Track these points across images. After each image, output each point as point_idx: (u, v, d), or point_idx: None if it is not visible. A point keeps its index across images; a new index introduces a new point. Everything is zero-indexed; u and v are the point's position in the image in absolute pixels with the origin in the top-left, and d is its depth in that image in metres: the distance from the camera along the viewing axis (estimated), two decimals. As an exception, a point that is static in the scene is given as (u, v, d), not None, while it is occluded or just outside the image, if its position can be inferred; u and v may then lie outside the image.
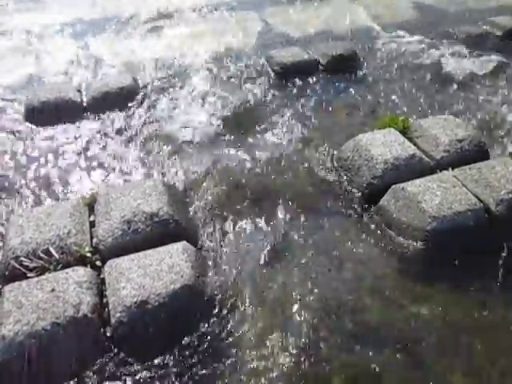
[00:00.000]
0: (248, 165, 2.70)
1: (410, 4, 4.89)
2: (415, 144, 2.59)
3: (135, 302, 1.79)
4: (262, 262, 2.11)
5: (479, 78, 3.53)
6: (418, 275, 2.06)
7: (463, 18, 4.50)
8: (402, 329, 1.85)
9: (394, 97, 3.32)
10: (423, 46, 3.98)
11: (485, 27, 4.24)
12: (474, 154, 2.56)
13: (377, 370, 1.71)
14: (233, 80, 3.52)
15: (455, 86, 3.44)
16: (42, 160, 2.77)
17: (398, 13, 4.65)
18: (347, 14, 4.63)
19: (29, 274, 1.91)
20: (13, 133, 3.00)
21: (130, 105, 3.23)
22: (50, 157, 2.79)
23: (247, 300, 1.95)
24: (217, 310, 1.90)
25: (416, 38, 4.11)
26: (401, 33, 4.21)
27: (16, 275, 1.91)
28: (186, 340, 1.79)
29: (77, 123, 3.08)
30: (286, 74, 3.52)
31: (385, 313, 1.91)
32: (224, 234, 2.25)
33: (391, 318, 1.89)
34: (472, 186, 2.31)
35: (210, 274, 2.02)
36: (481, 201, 2.23)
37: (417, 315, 1.90)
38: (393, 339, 1.81)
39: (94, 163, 2.74)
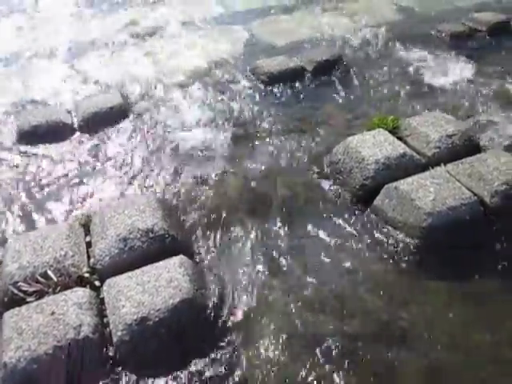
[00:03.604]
0: (241, 174, 2.71)
1: (393, 7, 4.94)
2: (406, 143, 2.61)
3: (135, 320, 1.78)
4: (260, 271, 2.11)
5: (465, 76, 3.56)
6: (416, 272, 2.07)
7: (447, 16, 4.55)
8: (405, 326, 1.85)
9: (381, 98, 3.35)
10: (408, 47, 4.02)
11: (469, 24, 4.28)
12: (465, 148, 2.58)
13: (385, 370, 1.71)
14: (221, 92, 3.54)
15: (441, 84, 3.47)
16: (36, 183, 2.77)
17: (381, 16, 4.69)
18: (331, 21, 4.68)
19: (28, 299, 1.90)
20: (3, 157, 3.01)
21: (120, 123, 3.24)
22: (44, 179, 2.79)
23: (247, 311, 1.94)
24: (217, 323, 1.89)
25: (400, 39, 4.15)
26: (385, 35, 4.25)
27: (15, 301, 1.91)
28: (188, 355, 1.78)
29: (69, 144, 3.09)
30: (273, 82, 3.54)
31: (386, 311, 1.91)
32: (220, 245, 2.25)
33: (393, 316, 1.88)
34: (465, 180, 2.32)
35: (209, 287, 2.02)
36: (475, 194, 2.25)
37: (419, 311, 1.90)
38: (397, 337, 1.81)
39: (88, 183, 2.74)
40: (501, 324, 1.85)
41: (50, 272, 1.97)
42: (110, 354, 1.78)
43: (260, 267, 2.13)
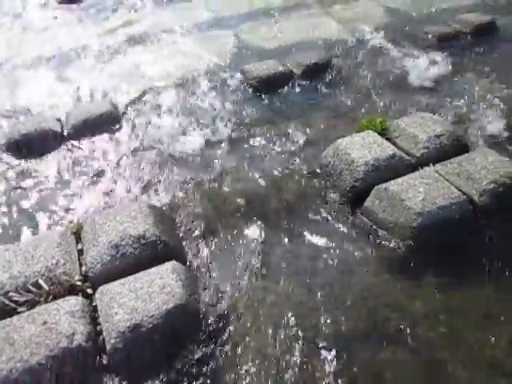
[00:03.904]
0: (232, 178, 2.71)
1: (381, 9, 4.99)
2: (394, 144, 2.63)
3: (129, 327, 1.77)
4: (253, 274, 2.12)
5: (451, 76, 3.61)
6: (408, 272, 2.08)
7: (433, 18, 4.60)
8: (397, 326, 1.86)
9: (370, 100, 3.38)
10: (395, 49, 4.05)
11: (455, 25, 4.33)
12: (453, 148, 2.61)
13: (380, 370, 1.71)
14: (211, 96, 3.55)
15: (428, 86, 3.50)
16: (26, 191, 2.75)
17: (369, 19, 4.73)
18: (320, 25, 4.71)
19: (19, 309, 1.89)
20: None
21: (110, 130, 3.24)
22: (34, 187, 2.78)
23: (241, 316, 1.94)
24: (211, 328, 1.89)
25: (388, 41, 4.19)
26: (373, 38, 4.29)
27: (6, 311, 1.89)
28: (182, 360, 1.78)
29: (58, 152, 3.07)
30: (262, 86, 3.56)
31: (379, 311, 1.92)
32: (213, 249, 2.26)
33: (386, 317, 1.89)
34: (454, 180, 2.35)
35: (202, 292, 2.02)
36: (464, 193, 2.27)
37: (411, 312, 1.91)
38: (391, 337, 1.82)
39: (79, 190, 2.74)
40: (494, 323, 1.86)
41: (41, 281, 1.96)
42: (104, 362, 1.77)
43: (253, 271, 2.13)
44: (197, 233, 2.35)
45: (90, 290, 2.00)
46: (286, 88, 3.56)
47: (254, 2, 5.46)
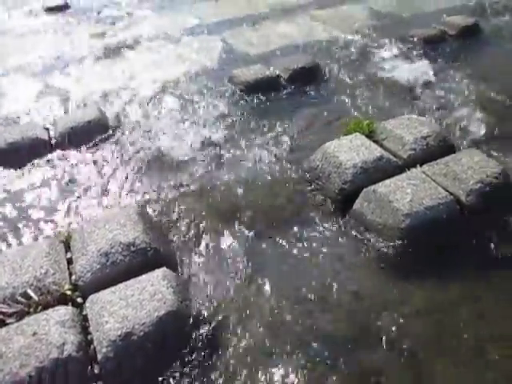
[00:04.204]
0: (222, 183, 2.72)
1: (367, 12, 5.04)
2: (382, 146, 2.65)
3: (120, 335, 1.76)
4: (244, 279, 2.12)
5: (437, 78, 3.65)
6: (398, 273, 2.10)
7: (419, 20, 4.66)
8: (390, 326, 1.87)
9: (357, 103, 3.41)
10: (381, 51, 4.10)
11: (440, 28, 4.39)
12: (439, 149, 2.63)
13: (373, 371, 1.72)
14: (199, 102, 3.55)
15: (415, 88, 3.54)
16: (13, 200, 2.73)
17: (355, 22, 4.77)
18: (306, 29, 4.74)
19: (8, 321, 1.86)
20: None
21: (98, 137, 3.22)
22: (21, 197, 2.76)
23: (232, 321, 1.94)
24: (203, 334, 1.88)
25: (374, 44, 4.24)
26: (359, 41, 4.33)
27: (-5, 323, 1.87)
28: (174, 367, 1.77)
29: (46, 160, 3.05)
30: (250, 91, 3.57)
31: (369, 313, 1.93)
32: (203, 255, 2.25)
33: (376, 318, 1.91)
34: (441, 180, 2.37)
35: (194, 298, 2.01)
36: (451, 193, 2.29)
37: (402, 312, 1.92)
38: (382, 337, 1.83)
39: (68, 198, 2.72)
40: (485, 322, 1.88)
41: (30, 291, 1.94)
42: (95, 371, 1.75)
43: (244, 276, 2.13)
44: (187, 238, 2.35)
45: (80, 299, 1.98)
46: (274, 92, 3.58)
47: (240, 8, 5.49)
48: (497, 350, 1.77)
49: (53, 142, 3.22)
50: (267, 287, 2.08)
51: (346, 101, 3.45)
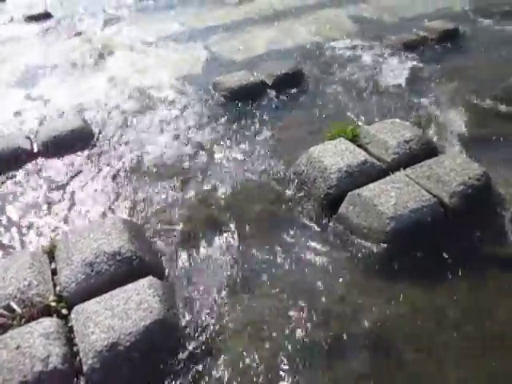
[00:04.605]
0: (207, 190, 2.71)
1: (349, 18, 5.09)
2: (366, 150, 2.67)
3: (106, 346, 1.74)
4: (231, 285, 2.11)
5: (418, 82, 3.70)
6: (384, 276, 2.11)
7: (400, 26, 4.73)
8: (376, 329, 1.88)
9: (341, 107, 3.43)
10: (364, 56, 4.15)
11: (421, 32, 4.46)
12: (422, 152, 2.66)
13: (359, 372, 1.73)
14: (183, 109, 3.55)
15: (397, 92, 3.59)
16: (-4, 213, 2.69)
17: (337, 28, 4.83)
18: (289, 35, 4.78)
19: (-9, 334, 1.83)
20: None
21: (82, 146, 3.20)
22: (5, 207, 2.72)
23: (220, 328, 1.93)
24: (190, 341, 1.87)
25: (357, 49, 4.29)
26: (342, 46, 4.38)
27: (-23, 337, 1.83)
28: (162, 377, 1.75)
29: (29, 170, 3.02)
30: (234, 97, 3.58)
31: (355, 317, 1.94)
32: (189, 262, 2.24)
33: (362, 321, 1.91)
34: (424, 183, 2.40)
35: (180, 305, 2.00)
36: (434, 196, 2.31)
37: (388, 314, 1.94)
38: (370, 341, 1.84)
39: (52, 208, 2.69)
40: (471, 322, 1.90)
41: (13, 304, 1.91)
42: (81, 383, 1.73)
43: (230, 282, 2.12)
44: (173, 246, 2.34)
45: (65, 311, 1.96)
46: (258, 98, 3.59)
47: (223, 14, 5.52)
48: (481, 353, 1.78)
49: (35, 151, 3.19)
50: (254, 292, 2.07)
51: (330, 106, 3.47)
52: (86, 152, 3.16)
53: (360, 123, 3.07)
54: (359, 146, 2.70)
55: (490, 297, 1.99)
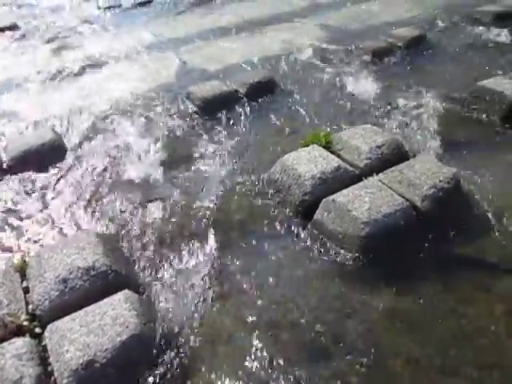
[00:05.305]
0: (181, 202, 2.69)
1: (318, 27, 5.17)
2: (339, 156, 2.71)
3: (81, 364, 1.70)
4: (209, 297, 2.09)
5: (387, 88, 3.78)
6: (360, 281, 2.13)
7: (368, 33, 4.82)
8: (354, 334, 1.89)
9: (313, 115, 3.47)
10: (333, 64, 4.22)
11: (388, 40, 4.56)
12: (394, 157, 2.71)
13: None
14: (156, 121, 3.52)
15: (367, 98, 3.65)
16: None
17: (308, 37, 4.90)
18: (260, 44, 4.82)
19: (-40, 357, 1.77)
20: None
21: (54, 160, 3.13)
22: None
23: (199, 342, 1.91)
24: (168, 355, 1.85)
25: (327, 57, 4.36)
26: (312, 55, 4.44)
27: None
28: (140, 392, 1.73)
29: (-2, 186, 2.95)
30: (208, 107, 3.57)
31: (335, 321, 1.95)
32: (166, 274, 2.22)
33: (342, 326, 1.93)
34: (397, 187, 2.44)
35: (158, 319, 1.97)
36: (407, 200, 2.36)
37: (365, 319, 1.96)
38: (347, 346, 1.85)
39: (23, 224, 2.62)
40: (443, 323, 1.93)
41: (-17, 325, 1.85)
42: (57, 403, 1.69)
43: (208, 294, 2.11)
44: (149, 258, 2.31)
45: (38, 330, 1.91)
46: (232, 107, 3.60)
47: (195, 24, 5.53)
48: (461, 354, 1.82)
49: (5, 166, 3.11)
50: (232, 305, 2.06)
51: (303, 113, 3.51)
52: (58, 165, 3.10)
53: (332, 130, 3.10)
54: (332, 152, 2.73)
55: (464, 296, 2.04)
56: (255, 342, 1.89)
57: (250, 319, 1.99)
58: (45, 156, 3.16)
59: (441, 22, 5.04)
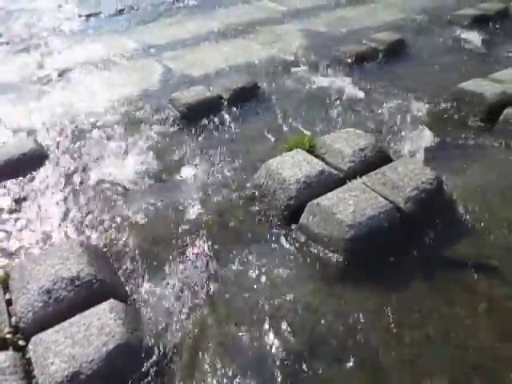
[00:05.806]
0: (167, 208, 2.68)
1: (301, 32, 5.21)
2: (323, 160, 2.73)
3: (67, 376, 1.68)
4: (195, 305, 2.08)
5: (370, 92, 3.83)
6: (345, 283, 2.14)
7: (349, 38, 4.88)
8: (341, 337, 1.90)
9: (297, 120, 3.49)
10: (315, 69, 4.26)
11: (369, 44, 4.61)
12: (377, 159, 2.74)
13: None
14: (139, 128, 3.50)
15: (350, 102, 3.69)
16: None
17: (291, 41, 4.93)
18: (243, 50, 4.84)
19: None
20: None
21: (35, 169, 3.09)
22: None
23: (186, 351, 1.90)
24: (155, 364, 1.83)
25: (309, 62, 4.39)
26: (295, 60, 4.48)
27: None
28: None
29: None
30: (192, 113, 3.57)
31: (323, 324, 1.96)
32: (152, 283, 2.20)
33: (329, 328, 1.94)
34: (380, 190, 2.46)
35: (145, 328, 1.96)
36: (391, 202, 2.38)
37: (352, 321, 1.97)
38: (335, 349, 1.86)
39: (4, 237, 2.57)
40: (429, 326, 1.95)
41: (-35, 339, 1.82)
42: (42, 417, 1.66)
43: (195, 302, 2.10)
44: (135, 267, 2.29)
45: (22, 342, 1.88)
46: (216, 113, 3.60)
47: (177, 31, 5.53)
48: (447, 356, 1.84)
49: (-15, 176, 3.06)
50: (219, 313, 2.05)
51: (286, 118, 3.53)
52: (40, 175, 3.06)
53: (316, 134, 3.12)
54: (316, 156, 2.75)
55: (448, 297, 2.06)
56: (243, 350, 1.88)
57: (237, 326, 1.98)
58: (26, 165, 3.11)
59: (421, 26, 5.12)
